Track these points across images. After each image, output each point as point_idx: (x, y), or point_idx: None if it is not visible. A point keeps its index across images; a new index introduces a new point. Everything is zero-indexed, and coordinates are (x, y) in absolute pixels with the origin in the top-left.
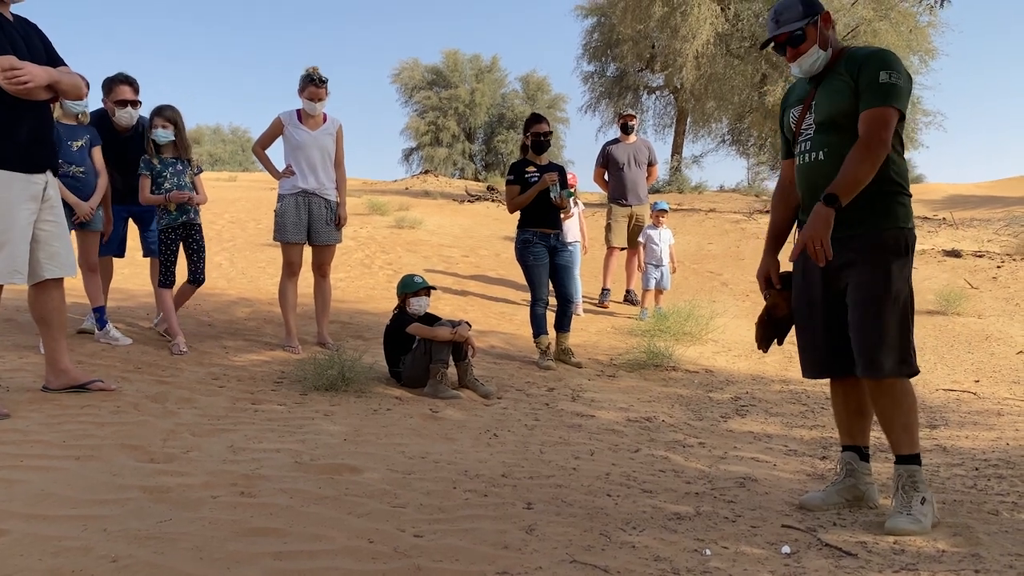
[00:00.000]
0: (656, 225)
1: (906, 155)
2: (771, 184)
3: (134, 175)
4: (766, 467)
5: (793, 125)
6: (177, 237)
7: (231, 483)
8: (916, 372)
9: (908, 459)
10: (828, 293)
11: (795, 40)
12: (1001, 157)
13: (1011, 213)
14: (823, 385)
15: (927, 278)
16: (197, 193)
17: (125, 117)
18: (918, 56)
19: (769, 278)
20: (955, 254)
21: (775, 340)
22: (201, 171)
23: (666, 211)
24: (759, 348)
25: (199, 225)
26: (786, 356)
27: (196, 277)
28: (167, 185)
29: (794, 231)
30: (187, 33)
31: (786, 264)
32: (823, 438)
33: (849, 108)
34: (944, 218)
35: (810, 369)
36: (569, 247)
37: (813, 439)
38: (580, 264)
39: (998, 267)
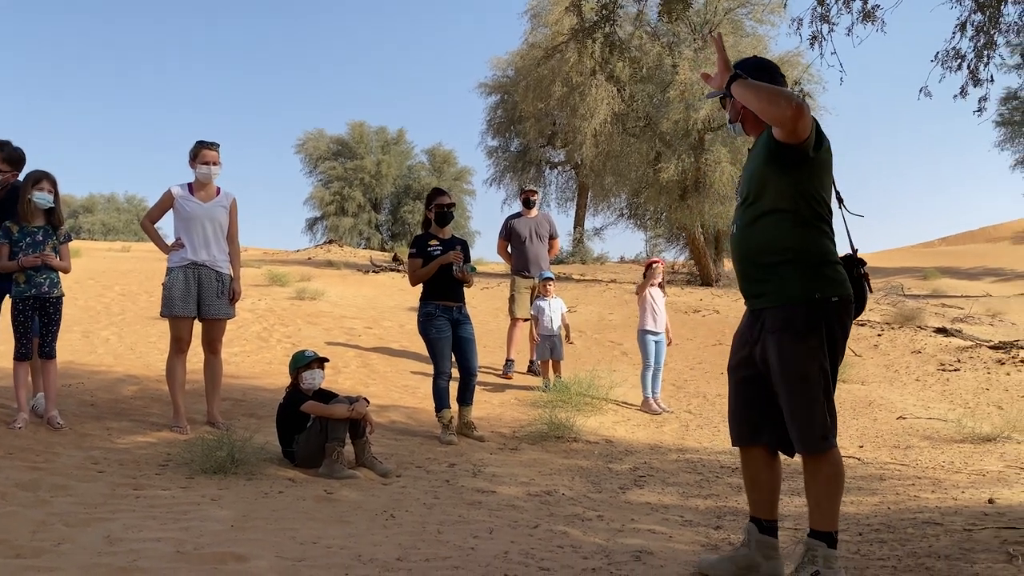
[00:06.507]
0: (544, 295)
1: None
2: (668, 255)
3: None
4: (662, 539)
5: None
6: (28, 308)
7: None
8: (831, 447)
9: (817, 535)
10: (746, 359)
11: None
12: (880, 230)
13: (889, 283)
14: (718, 454)
15: None
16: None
17: None
18: None
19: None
20: None
21: None
22: (70, 239)
23: (552, 279)
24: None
25: (54, 299)
26: (683, 425)
27: (41, 350)
28: (22, 255)
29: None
30: (80, 97)
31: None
32: (718, 507)
33: (765, 171)
34: None
35: (734, 436)
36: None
37: (708, 508)
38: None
39: (879, 335)
